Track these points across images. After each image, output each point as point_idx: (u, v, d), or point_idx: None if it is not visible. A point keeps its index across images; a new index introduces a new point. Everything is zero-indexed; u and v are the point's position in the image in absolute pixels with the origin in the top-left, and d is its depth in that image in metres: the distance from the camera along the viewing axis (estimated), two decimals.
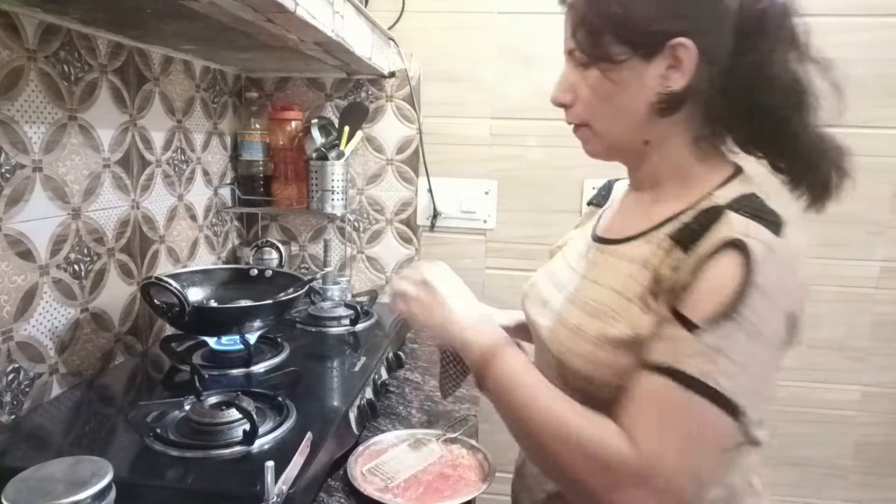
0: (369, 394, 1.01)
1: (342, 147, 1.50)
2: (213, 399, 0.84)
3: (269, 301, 1.05)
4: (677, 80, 0.65)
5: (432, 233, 1.64)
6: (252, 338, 1.06)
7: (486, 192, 1.60)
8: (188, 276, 1.16)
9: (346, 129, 1.50)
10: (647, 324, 0.63)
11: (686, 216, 0.66)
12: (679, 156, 0.70)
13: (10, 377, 0.90)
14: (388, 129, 1.61)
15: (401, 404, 1.10)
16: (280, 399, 0.87)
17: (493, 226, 1.61)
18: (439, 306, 0.77)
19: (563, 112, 0.74)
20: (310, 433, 0.76)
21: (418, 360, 1.33)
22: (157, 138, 1.25)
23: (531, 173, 1.56)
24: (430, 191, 1.61)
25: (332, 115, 1.61)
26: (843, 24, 1.45)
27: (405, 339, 1.41)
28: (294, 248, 1.65)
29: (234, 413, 0.79)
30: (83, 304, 1.04)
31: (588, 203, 0.94)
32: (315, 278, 1.27)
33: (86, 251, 1.05)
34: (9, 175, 0.88)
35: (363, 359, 1.09)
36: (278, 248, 1.51)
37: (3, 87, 0.86)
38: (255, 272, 1.23)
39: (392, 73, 1.56)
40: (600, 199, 0.89)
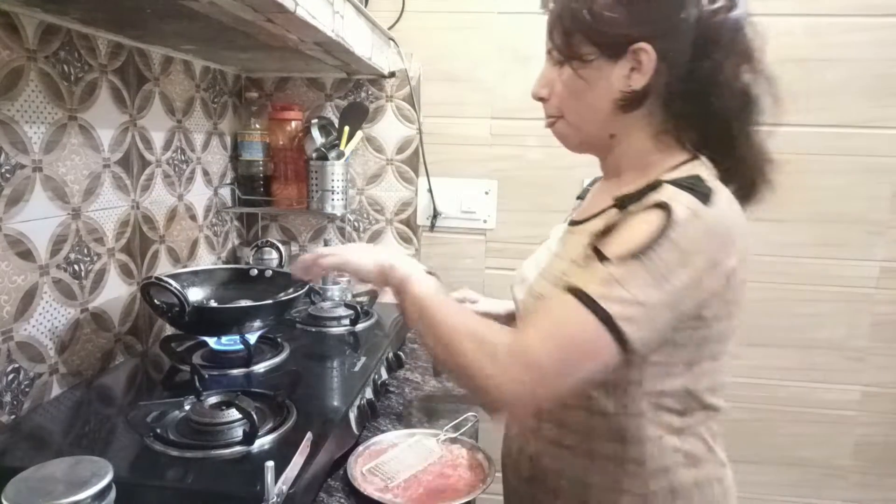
0: (369, 394, 1.01)
1: (342, 147, 1.50)
2: (213, 399, 0.84)
3: (269, 301, 1.04)
4: (638, 81, 0.72)
5: (432, 233, 1.64)
6: (252, 338, 1.06)
7: (486, 192, 1.60)
8: (188, 276, 1.16)
9: (346, 129, 1.50)
10: None
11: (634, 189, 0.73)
12: (641, 148, 0.77)
13: (10, 377, 0.90)
14: (388, 129, 1.61)
15: (401, 404, 1.10)
16: (280, 399, 0.87)
17: (493, 226, 1.61)
18: (365, 250, 0.86)
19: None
20: (310, 433, 0.76)
21: (418, 360, 1.33)
22: (157, 138, 1.25)
23: (531, 173, 1.56)
24: (430, 191, 1.61)
25: (332, 115, 1.61)
26: (843, 24, 1.45)
27: (405, 339, 1.41)
28: (294, 248, 1.65)
29: (234, 413, 0.79)
30: (83, 304, 1.04)
31: (577, 198, 1.00)
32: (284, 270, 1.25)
33: (86, 251, 1.05)
34: (9, 175, 0.88)
35: (363, 359, 1.09)
36: (278, 248, 1.51)
37: (4, 87, 0.86)
38: (255, 272, 1.23)
39: (392, 73, 1.56)
40: (584, 194, 0.96)
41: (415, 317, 0.75)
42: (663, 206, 0.66)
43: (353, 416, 0.92)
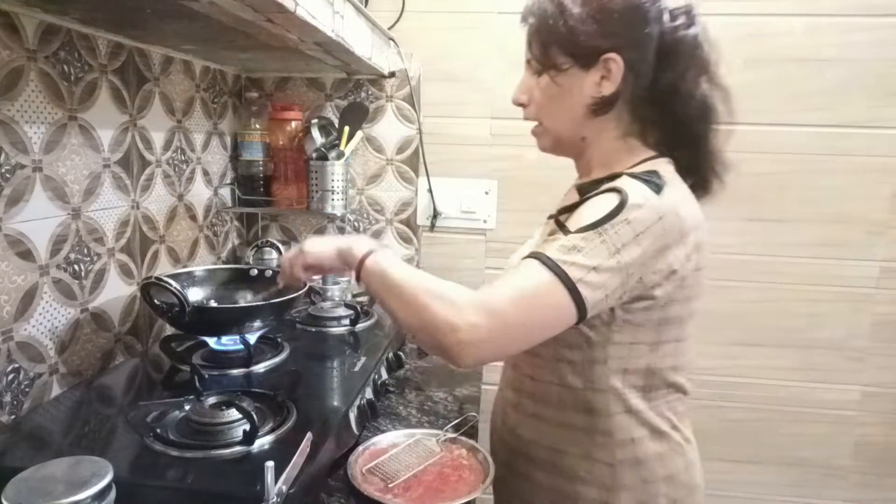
0: (369, 394, 1.01)
1: (342, 147, 1.50)
2: (213, 399, 0.84)
3: (269, 301, 1.04)
4: (608, 87, 0.81)
5: (432, 233, 1.64)
6: (252, 338, 1.07)
7: (486, 192, 1.60)
8: (188, 276, 1.16)
9: (346, 129, 1.50)
10: None
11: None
12: (609, 148, 0.86)
13: (10, 377, 0.90)
14: (388, 129, 1.61)
15: (401, 404, 1.10)
16: (280, 399, 0.87)
17: (493, 226, 1.61)
18: (323, 241, 0.92)
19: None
20: (310, 433, 0.76)
21: (418, 359, 1.33)
22: (157, 138, 1.25)
23: (531, 173, 1.56)
24: (430, 191, 1.61)
25: (332, 115, 1.61)
26: (843, 24, 1.45)
27: (405, 338, 1.41)
28: (294, 248, 1.65)
29: (234, 413, 0.79)
30: (83, 304, 1.04)
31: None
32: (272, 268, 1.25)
33: (86, 251, 1.05)
34: (9, 175, 0.88)
35: (363, 359, 1.09)
36: (278, 248, 1.51)
37: (4, 88, 0.86)
38: (255, 272, 1.23)
39: (392, 73, 1.56)
40: None
41: (376, 287, 0.80)
42: (618, 191, 0.75)
43: (353, 416, 0.92)
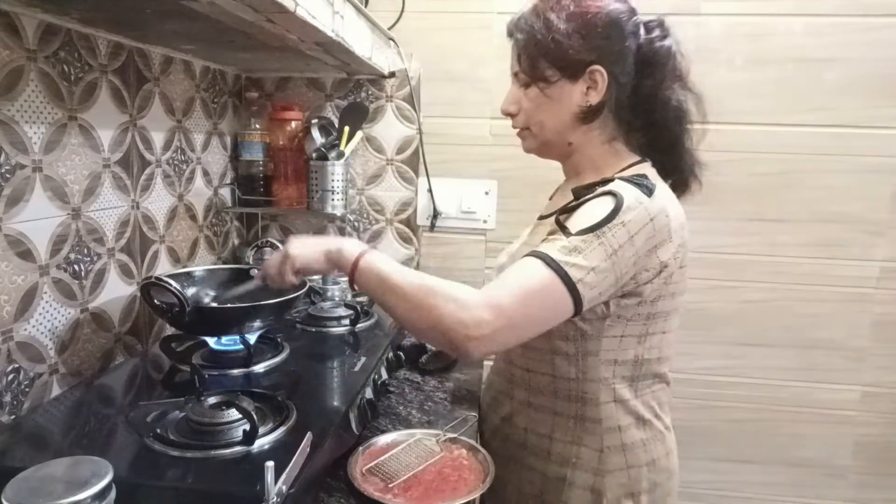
0: (369, 394, 1.01)
1: (342, 147, 1.50)
2: (213, 399, 0.84)
3: (269, 301, 1.04)
4: (594, 97, 0.88)
5: (432, 233, 1.64)
6: (252, 338, 1.06)
7: (486, 192, 1.60)
8: (188, 276, 1.16)
9: (346, 129, 1.50)
10: None
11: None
12: (596, 152, 0.93)
13: (10, 377, 0.90)
14: (388, 129, 1.61)
15: (401, 404, 1.10)
16: (280, 399, 0.87)
17: (493, 226, 1.61)
18: (309, 243, 0.93)
19: (503, 119, 0.98)
20: (310, 433, 0.76)
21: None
22: (157, 138, 1.25)
23: (531, 173, 1.55)
24: (430, 191, 1.61)
25: (332, 115, 1.61)
26: (843, 24, 1.45)
27: (405, 338, 1.40)
28: None
29: (234, 413, 0.79)
30: (83, 304, 1.04)
31: (550, 199, 1.12)
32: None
33: (86, 251, 1.05)
34: (9, 175, 0.88)
35: (363, 359, 1.09)
36: (278, 249, 1.51)
37: (3, 88, 0.86)
38: (255, 272, 1.22)
39: (392, 73, 1.56)
40: (555, 195, 1.10)
41: (373, 288, 0.83)
42: (614, 195, 0.80)
43: (353, 416, 0.92)
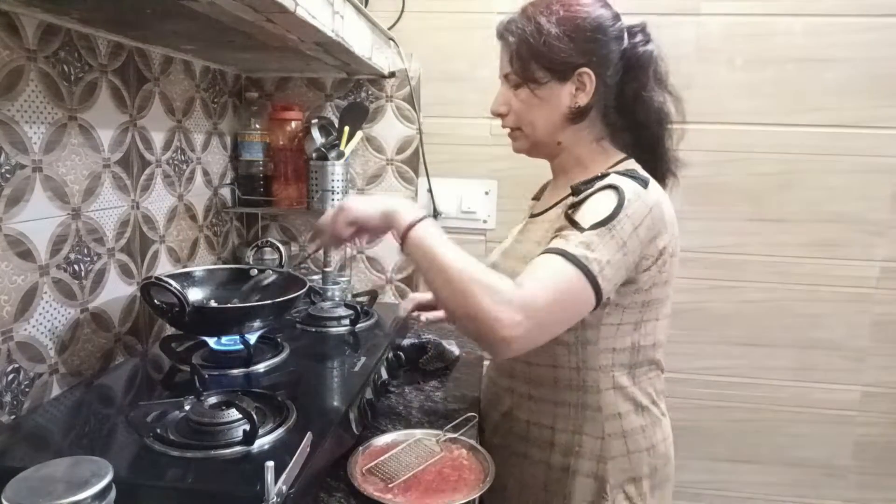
0: (369, 394, 1.01)
1: (342, 147, 1.50)
2: (213, 399, 0.84)
3: (269, 301, 1.04)
4: (582, 98, 0.92)
5: None
6: (252, 338, 1.06)
7: (486, 192, 1.60)
8: (188, 276, 1.16)
9: (346, 129, 1.50)
10: None
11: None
12: (583, 152, 0.97)
13: (10, 377, 0.90)
14: (388, 129, 1.61)
15: (401, 404, 1.10)
16: (280, 399, 0.87)
17: (493, 226, 1.61)
18: (366, 199, 0.94)
19: (500, 120, 1.01)
20: (310, 433, 0.76)
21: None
22: (157, 138, 1.25)
23: (531, 173, 1.55)
24: (430, 191, 1.61)
25: (332, 115, 1.61)
26: (843, 24, 1.45)
27: (405, 338, 1.40)
28: (294, 248, 1.65)
29: (234, 413, 0.79)
30: (83, 304, 1.04)
31: (532, 198, 1.18)
32: (272, 269, 1.24)
33: (86, 251, 1.05)
34: (9, 175, 0.88)
35: (363, 359, 1.09)
36: (278, 248, 1.51)
37: (3, 88, 0.86)
38: (255, 272, 1.22)
39: (392, 73, 1.56)
40: (540, 195, 1.13)
41: (420, 260, 0.85)
42: (615, 188, 0.84)
43: (353, 416, 0.92)
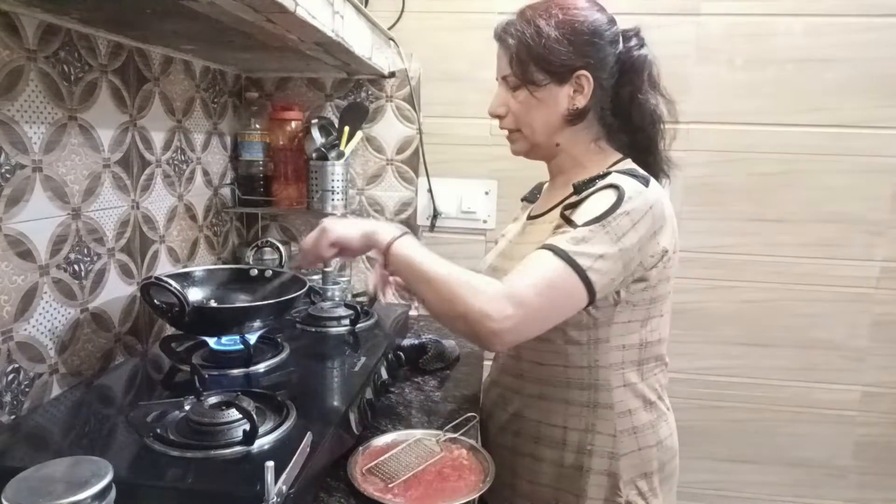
0: (369, 394, 1.01)
1: (342, 147, 1.50)
2: (213, 399, 0.84)
3: (270, 301, 1.04)
4: (580, 100, 0.94)
5: (432, 233, 1.64)
6: (252, 338, 1.06)
7: (486, 193, 1.60)
8: (188, 277, 1.16)
9: (346, 129, 1.50)
10: None
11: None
12: (582, 151, 0.98)
13: (10, 377, 0.90)
14: (388, 129, 1.61)
15: (401, 404, 1.10)
16: (280, 399, 0.87)
17: (493, 226, 1.61)
18: (346, 221, 0.95)
19: (498, 121, 1.02)
20: (310, 433, 0.76)
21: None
22: (157, 138, 1.25)
23: (531, 173, 1.55)
24: (430, 191, 1.61)
25: (332, 115, 1.61)
26: (843, 24, 1.45)
27: (405, 338, 1.40)
28: (294, 248, 1.65)
29: (234, 413, 0.79)
30: (83, 304, 1.04)
31: (522, 199, 1.20)
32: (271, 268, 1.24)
33: (86, 251, 1.05)
34: (9, 175, 0.88)
35: (363, 359, 1.09)
36: (278, 248, 1.51)
37: (3, 88, 0.86)
38: (255, 272, 1.22)
39: (392, 74, 1.56)
40: (532, 196, 1.15)
41: (405, 274, 0.87)
42: (615, 186, 0.85)
43: (352, 416, 0.92)
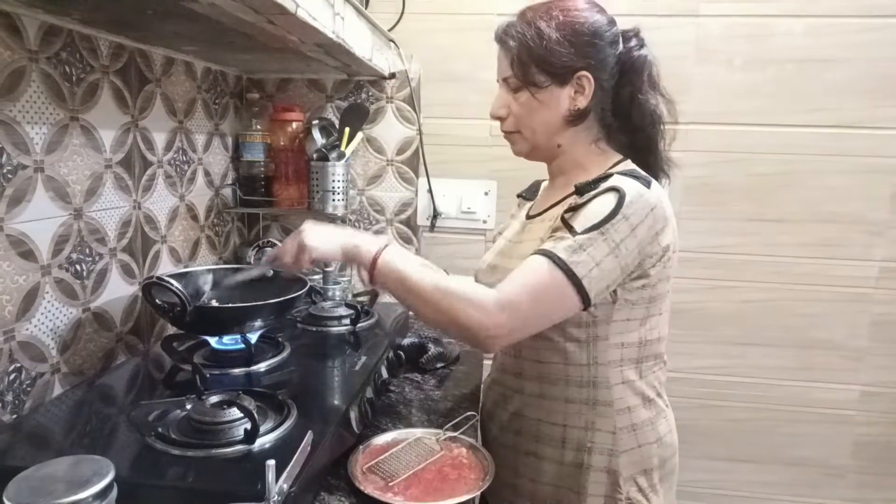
0: (370, 393, 1.01)
1: (343, 148, 1.51)
2: (214, 398, 0.84)
3: (270, 301, 1.05)
4: (581, 101, 0.94)
5: (432, 233, 1.64)
6: (253, 337, 1.07)
7: (486, 193, 1.61)
8: (189, 276, 1.17)
9: (347, 129, 1.50)
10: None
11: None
12: (582, 152, 0.99)
13: (12, 377, 0.90)
14: (389, 129, 1.61)
15: (401, 403, 1.10)
16: (281, 398, 0.88)
17: (492, 226, 1.62)
18: (326, 235, 0.93)
19: (499, 123, 1.02)
20: (310, 432, 0.76)
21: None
22: (159, 139, 1.25)
23: (530, 173, 1.56)
24: (430, 191, 1.61)
25: (332, 116, 1.61)
26: (842, 24, 1.45)
27: (406, 337, 1.41)
28: None
29: (235, 412, 0.80)
30: (85, 304, 1.05)
31: (518, 195, 1.20)
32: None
33: (87, 251, 1.05)
34: (11, 175, 0.89)
35: (364, 358, 1.09)
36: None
37: (5, 88, 0.87)
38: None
39: (392, 75, 1.57)
40: (530, 195, 1.16)
41: (394, 287, 0.88)
42: (617, 190, 0.85)
43: (353, 415, 0.92)
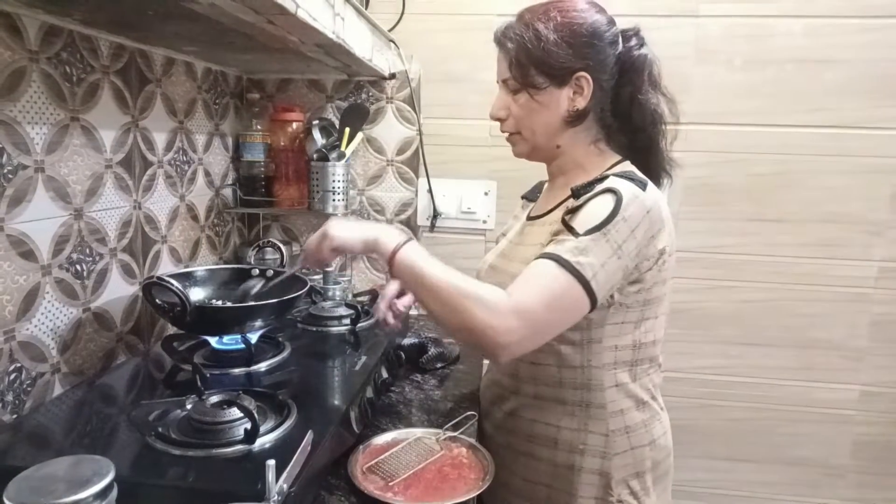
0: (370, 393, 1.01)
1: (343, 148, 1.51)
2: (214, 398, 0.84)
3: (271, 301, 1.05)
4: (580, 102, 0.94)
5: (432, 233, 1.64)
6: (253, 337, 1.07)
7: (486, 193, 1.61)
8: (190, 276, 1.17)
9: (347, 130, 1.51)
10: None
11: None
12: (582, 153, 0.99)
13: (13, 376, 0.91)
14: (389, 130, 1.62)
15: (401, 403, 1.10)
16: (281, 398, 0.88)
17: (492, 226, 1.62)
18: (348, 226, 0.93)
19: (499, 124, 1.02)
20: (311, 432, 0.76)
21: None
22: (159, 139, 1.25)
23: (530, 174, 1.56)
24: (430, 191, 1.61)
25: (332, 116, 1.61)
26: (842, 24, 1.45)
27: (405, 337, 1.41)
28: (295, 248, 1.66)
29: (235, 412, 0.80)
30: (85, 304, 1.05)
31: (522, 197, 1.20)
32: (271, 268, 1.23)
33: (88, 251, 1.05)
34: (11, 175, 0.89)
35: (364, 358, 1.09)
36: (279, 249, 1.51)
37: (6, 88, 0.87)
38: (256, 272, 1.23)
39: (392, 75, 1.57)
40: (533, 195, 1.16)
41: (410, 282, 0.88)
42: (613, 192, 0.85)
43: (353, 414, 0.92)
